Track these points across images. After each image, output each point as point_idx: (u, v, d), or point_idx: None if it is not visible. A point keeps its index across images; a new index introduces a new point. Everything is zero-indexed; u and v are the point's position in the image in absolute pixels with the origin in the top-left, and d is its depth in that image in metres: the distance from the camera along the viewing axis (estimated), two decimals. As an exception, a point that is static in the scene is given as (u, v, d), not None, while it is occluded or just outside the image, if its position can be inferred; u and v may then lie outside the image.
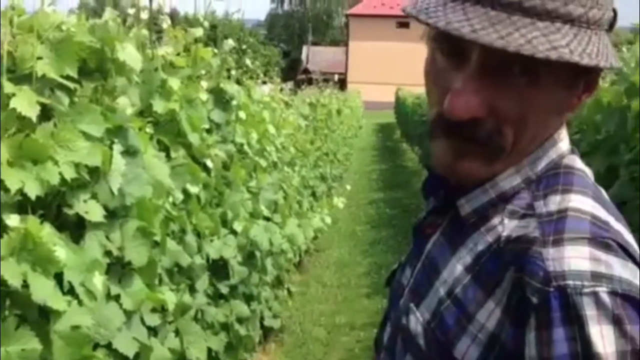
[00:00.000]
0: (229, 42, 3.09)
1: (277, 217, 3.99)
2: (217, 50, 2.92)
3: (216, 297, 2.80)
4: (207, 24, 2.82)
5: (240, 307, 3.01)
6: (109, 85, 1.67)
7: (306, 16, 57.34)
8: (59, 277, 1.35)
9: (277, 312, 4.28)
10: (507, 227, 0.76)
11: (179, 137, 2.28)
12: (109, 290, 1.60)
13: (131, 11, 2.23)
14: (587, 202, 0.75)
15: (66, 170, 1.38)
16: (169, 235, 2.13)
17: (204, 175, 2.52)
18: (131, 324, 1.70)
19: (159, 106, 2.11)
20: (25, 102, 1.32)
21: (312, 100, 7.90)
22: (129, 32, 2.08)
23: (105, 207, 1.54)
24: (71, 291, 1.39)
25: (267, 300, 3.92)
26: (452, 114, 0.74)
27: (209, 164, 2.60)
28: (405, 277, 0.92)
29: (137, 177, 1.69)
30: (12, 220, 1.27)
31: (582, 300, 0.66)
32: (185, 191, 2.29)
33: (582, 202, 0.75)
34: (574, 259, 0.69)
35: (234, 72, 3.23)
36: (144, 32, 2.22)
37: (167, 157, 2.13)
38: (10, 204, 1.29)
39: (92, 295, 1.44)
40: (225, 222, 2.93)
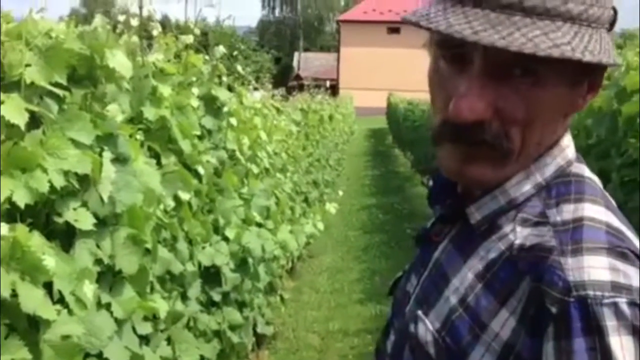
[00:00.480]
0: (220, 49, 3.09)
1: (270, 224, 3.98)
2: (208, 57, 2.92)
3: (208, 305, 2.78)
4: (197, 31, 2.82)
5: (232, 314, 2.99)
6: (98, 92, 1.66)
7: (297, 22, 57.50)
8: (48, 286, 1.34)
9: (270, 319, 4.27)
10: (519, 235, 0.76)
11: (170, 144, 2.28)
12: (99, 298, 1.59)
13: (121, 18, 2.23)
14: (601, 211, 0.75)
15: (55, 178, 1.37)
16: (160, 242, 2.12)
17: (196, 182, 2.51)
18: (122, 333, 1.69)
19: (150, 113, 2.10)
20: (13, 109, 1.30)
21: (304, 106, 7.91)
22: (119, 39, 2.07)
23: (95, 215, 1.53)
24: (61, 300, 1.38)
25: (260, 307, 3.90)
26: (458, 117, 0.74)
27: (201, 171, 2.59)
28: (410, 285, 0.91)
29: (128, 185, 1.68)
30: (1, 229, 1.26)
31: (603, 310, 0.66)
32: (176, 198, 2.28)
33: (596, 211, 0.75)
34: (594, 269, 0.68)
35: (225, 78, 3.22)
36: (135, 39, 2.21)
37: (158, 164, 2.12)
38: (-2, 213, 1.28)
39: (83, 304, 1.42)
40: (217, 229, 2.91)
